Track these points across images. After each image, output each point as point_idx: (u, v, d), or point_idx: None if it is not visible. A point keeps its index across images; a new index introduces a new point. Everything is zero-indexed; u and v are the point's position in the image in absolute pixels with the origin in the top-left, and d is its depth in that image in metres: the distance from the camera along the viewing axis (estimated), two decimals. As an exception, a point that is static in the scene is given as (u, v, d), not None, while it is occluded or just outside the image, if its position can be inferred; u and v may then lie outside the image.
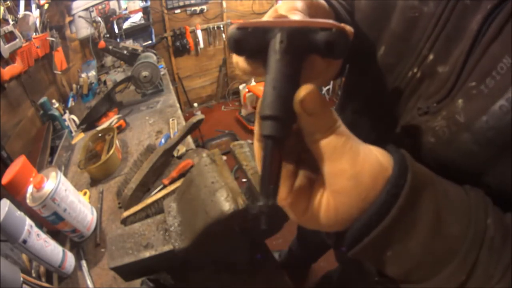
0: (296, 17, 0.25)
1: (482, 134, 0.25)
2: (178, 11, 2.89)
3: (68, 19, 1.92)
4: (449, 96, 0.28)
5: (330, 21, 0.20)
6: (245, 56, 0.24)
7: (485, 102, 0.24)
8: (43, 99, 1.24)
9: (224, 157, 0.62)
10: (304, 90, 0.20)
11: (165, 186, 0.73)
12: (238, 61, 0.25)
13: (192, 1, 2.90)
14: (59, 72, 1.58)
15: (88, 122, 1.40)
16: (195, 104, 3.44)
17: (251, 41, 0.22)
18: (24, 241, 0.60)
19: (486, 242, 0.22)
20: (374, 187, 0.21)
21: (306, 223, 0.24)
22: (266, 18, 0.28)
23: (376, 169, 0.21)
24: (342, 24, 0.20)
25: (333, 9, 0.37)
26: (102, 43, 1.72)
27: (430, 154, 0.31)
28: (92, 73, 1.83)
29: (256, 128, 0.23)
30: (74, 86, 1.75)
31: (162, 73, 1.77)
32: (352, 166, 0.21)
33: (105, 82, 1.87)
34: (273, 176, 0.21)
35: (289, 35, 0.20)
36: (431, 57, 0.30)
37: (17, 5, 1.23)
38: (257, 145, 0.24)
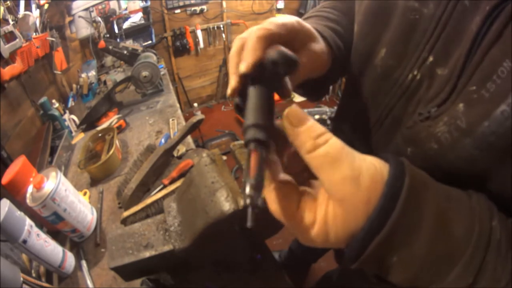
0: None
1: (483, 140, 0.25)
2: (178, 11, 2.89)
3: (68, 19, 1.91)
4: (449, 99, 0.28)
5: (275, 48, 0.27)
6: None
7: (487, 107, 0.24)
8: (43, 99, 1.24)
9: (224, 157, 0.62)
10: (287, 109, 0.24)
11: (165, 186, 0.73)
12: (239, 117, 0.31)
13: (192, 1, 2.90)
14: (59, 72, 1.57)
15: (88, 122, 1.40)
16: (195, 104, 3.44)
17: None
18: (24, 241, 0.60)
19: (492, 243, 0.21)
20: (375, 188, 0.22)
21: (315, 238, 0.24)
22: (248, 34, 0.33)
23: (373, 171, 0.22)
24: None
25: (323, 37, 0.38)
26: (102, 43, 1.72)
27: (432, 161, 0.31)
28: (92, 73, 1.82)
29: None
30: (74, 86, 1.74)
31: (162, 73, 1.77)
32: (351, 170, 0.21)
33: (105, 82, 1.87)
34: (254, 170, 0.23)
35: (253, 73, 0.27)
36: (430, 59, 0.30)
37: (17, 5, 1.23)
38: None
